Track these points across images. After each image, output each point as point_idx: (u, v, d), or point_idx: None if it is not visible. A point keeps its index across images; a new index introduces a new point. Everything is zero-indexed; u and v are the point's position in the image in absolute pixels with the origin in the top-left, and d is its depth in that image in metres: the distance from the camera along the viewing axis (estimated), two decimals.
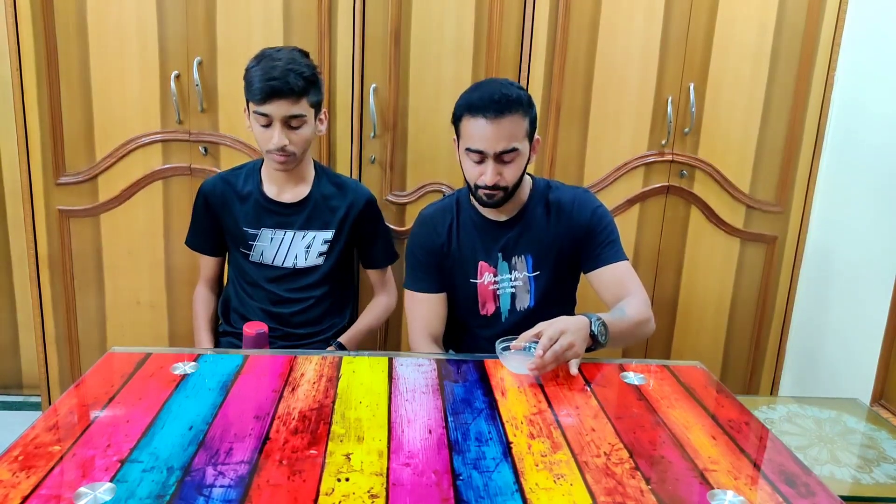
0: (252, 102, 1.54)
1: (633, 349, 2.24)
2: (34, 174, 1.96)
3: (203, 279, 1.81)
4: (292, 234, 1.67)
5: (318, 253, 1.69)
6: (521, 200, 1.55)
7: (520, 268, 1.56)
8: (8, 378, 2.48)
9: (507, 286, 1.56)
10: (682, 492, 0.91)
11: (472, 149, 1.42)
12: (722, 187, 2.13)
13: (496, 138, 1.39)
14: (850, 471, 1.44)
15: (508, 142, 1.40)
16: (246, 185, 1.69)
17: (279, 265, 1.68)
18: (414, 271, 1.61)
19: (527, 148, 1.46)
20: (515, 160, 1.43)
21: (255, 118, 1.56)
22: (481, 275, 1.57)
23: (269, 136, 1.55)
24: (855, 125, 2.02)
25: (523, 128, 1.43)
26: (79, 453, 0.94)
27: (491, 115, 1.38)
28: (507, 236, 1.55)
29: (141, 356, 1.27)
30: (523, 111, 1.42)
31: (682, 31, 2.01)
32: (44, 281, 2.04)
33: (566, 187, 1.61)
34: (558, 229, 1.54)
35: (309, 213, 1.67)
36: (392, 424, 1.06)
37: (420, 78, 1.99)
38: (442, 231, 1.58)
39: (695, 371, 1.33)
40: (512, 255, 1.55)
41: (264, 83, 1.50)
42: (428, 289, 1.59)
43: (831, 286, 2.09)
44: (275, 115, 1.53)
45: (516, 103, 1.40)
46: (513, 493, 0.89)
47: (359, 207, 1.71)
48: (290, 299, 1.70)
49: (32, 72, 1.89)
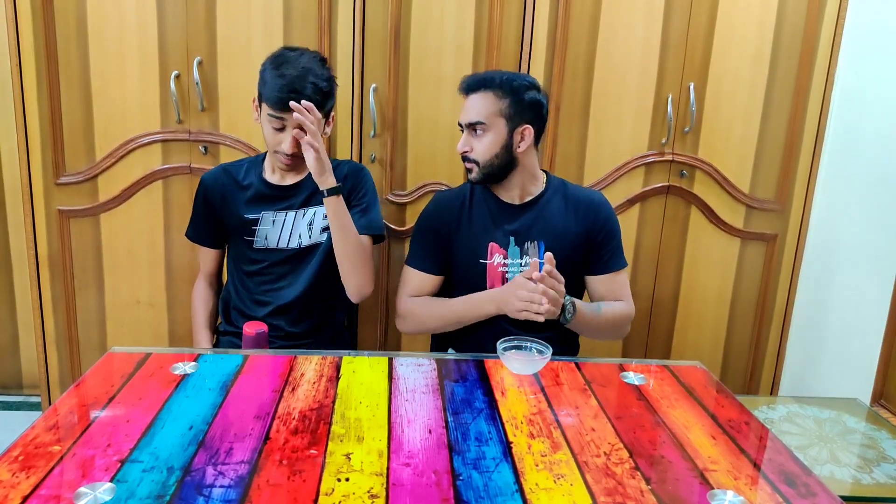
0: (267, 105, 1.55)
1: (633, 349, 2.24)
2: (34, 174, 1.96)
3: (202, 274, 1.81)
4: (294, 214, 1.67)
5: (321, 229, 1.68)
6: (531, 187, 1.62)
7: (532, 253, 1.59)
8: (8, 378, 2.48)
9: (517, 270, 1.59)
10: (681, 492, 0.91)
11: (459, 122, 1.58)
12: (722, 187, 2.13)
13: (465, 110, 1.56)
14: (850, 471, 1.44)
15: (474, 115, 1.54)
16: (248, 177, 1.70)
17: (284, 247, 1.68)
18: (417, 249, 1.67)
19: (501, 128, 1.54)
20: (485, 135, 1.54)
21: (267, 119, 1.56)
22: (491, 255, 1.60)
23: (279, 140, 1.58)
24: (855, 125, 2.02)
25: (491, 107, 1.53)
26: (79, 453, 0.94)
27: (464, 89, 1.56)
28: (520, 220, 1.60)
29: (141, 356, 1.27)
30: (499, 92, 1.53)
31: (682, 30, 2.01)
32: (44, 281, 2.04)
33: (584, 188, 1.71)
34: (575, 224, 1.60)
35: (308, 191, 1.68)
36: (392, 424, 1.06)
37: (420, 77, 1.99)
38: (454, 209, 1.64)
39: (695, 371, 1.33)
40: (525, 239, 1.59)
41: (284, 93, 1.52)
42: (426, 268, 1.64)
43: (831, 286, 2.09)
44: (290, 122, 1.55)
45: (489, 82, 1.54)
46: (513, 494, 0.89)
47: (352, 178, 1.70)
48: (295, 282, 1.69)
49: (32, 71, 1.89)
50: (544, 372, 1.28)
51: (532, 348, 1.30)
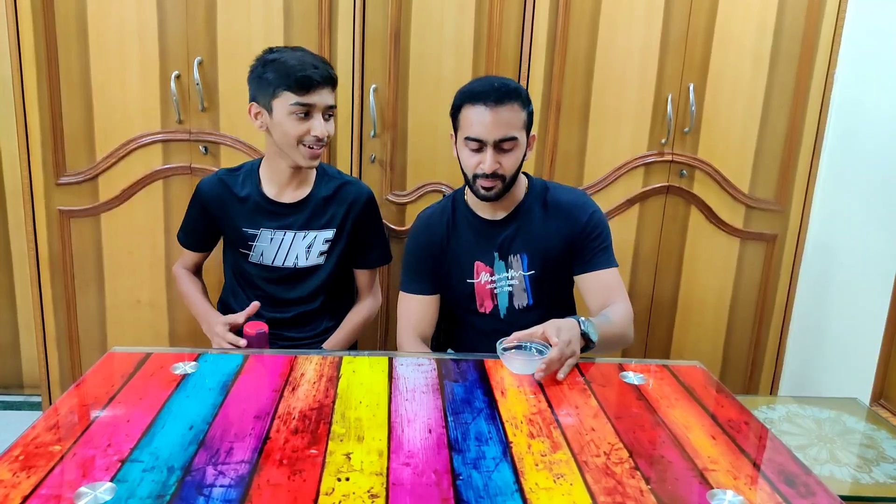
0: (290, 93, 1.49)
1: (633, 349, 2.24)
2: (34, 174, 1.96)
3: (183, 262, 1.80)
4: (293, 235, 1.66)
5: (319, 252, 1.68)
6: (516, 198, 1.55)
7: (516, 266, 1.56)
8: (8, 378, 2.48)
9: (505, 285, 1.56)
10: (681, 491, 0.91)
11: (472, 137, 1.43)
12: (722, 187, 2.13)
13: (495, 125, 1.41)
14: (850, 470, 1.45)
15: (507, 129, 1.41)
16: (244, 188, 1.66)
17: (279, 265, 1.67)
18: (409, 273, 1.62)
19: (524, 140, 1.47)
20: (514, 150, 1.44)
21: (290, 110, 1.50)
22: (477, 274, 1.57)
23: (307, 128, 1.52)
24: (854, 125, 2.02)
25: (521, 119, 1.44)
26: (79, 453, 0.94)
27: (491, 102, 1.40)
28: (503, 235, 1.55)
29: (141, 356, 1.27)
30: (521, 103, 1.44)
31: (681, 30, 2.01)
32: (44, 281, 2.04)
33: (564, 188, 1.62)
34: (555, 229, 1.54)
35: (309, 213, 1.66)
36: (392, 424, 1.06)
37: (420, 77, 1.99)
38: (439, 230, 1.59)
39: (694, 371, 1.33)
40: (508, 253, 1.56)
41: (309, 70, 1.48)
42: (421, 290, 1.60)
43: (831, 286, 2.09)
44: (318, 104, 1.51)
45: (515, 93, 1.43)
46: (513, 493, 0.89)
47: (359, 206, 1.69)
48: (290, 301, 1.70)
49: (33, 72, 1.89)
50: None
51: (532, 348, 1.30)
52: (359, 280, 1.80)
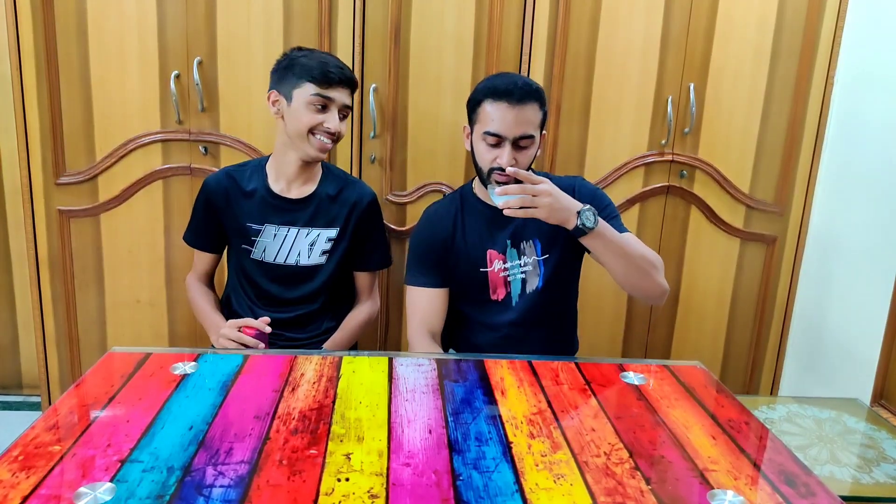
0: (313, 84, 1.55)
1: (632, 349, 2.24)
2: (34, 174, 1.96)
3: (196, 273, 1.79)
4: (296, 231, 1.66)
5: (322, 251, 1.68)
6: None
7: (529, 252, 1.58)
8: (8, 378, 2.48)
9: (518, 272, 1.59)
10: (681, 492, 0.91)
11: (491, 132, 1.46)
12: (722, 187, 2.13)
13: (516, 123, 1.45)
14: (850, 471, 1.44)
15: (527, 128, 1.46)
16: (251, 182, 1.68)
17: (281, 262, 1.67)
18: (415, 267, 1.63)
19: (538, 138, 1.51)
20: (529, 147, 1.49)
21: (310, 100, 1.55)
22: (491, 262, 1.59)
23: (322, 119, 1.57)
24: (855, 125, 2.02)
25: (539, 118, 1.49)
26: (79, 453, 0.94)
27: (514, 100, 1.44)
28: (514, 223, 1.58)
29: (141, 356, 1.27)
30: (540, 103, 1.49)
31: (682, 30, 2.01)
32: (44, 281, 2.04)
33: (563, 177, 1.66)
34: None
35: (314, 210, 1.67)
36: (392, 424, 1.06)
37: (420, 77, 1.99)
38: (447, 224, 1.61)
39: (695, 371, 1.33)
40: (520, 241, 1.59)
41: (334, 69, 1.57)
42: (429, 283, 1.61)
43: (831, 286, 2.09)
44: (336, 99, 1.58)
45: (536, 94, 1.48)
46: (513, 494, 0.89)
47: (362, 206, 1.70)
48: (291, 301, 1.70)
49: (32, 71, 1.89)
50: (544, 372, 1.28)
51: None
52: (359, 282, 1.80)
